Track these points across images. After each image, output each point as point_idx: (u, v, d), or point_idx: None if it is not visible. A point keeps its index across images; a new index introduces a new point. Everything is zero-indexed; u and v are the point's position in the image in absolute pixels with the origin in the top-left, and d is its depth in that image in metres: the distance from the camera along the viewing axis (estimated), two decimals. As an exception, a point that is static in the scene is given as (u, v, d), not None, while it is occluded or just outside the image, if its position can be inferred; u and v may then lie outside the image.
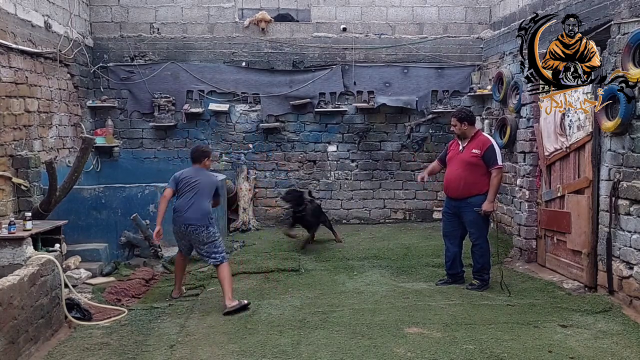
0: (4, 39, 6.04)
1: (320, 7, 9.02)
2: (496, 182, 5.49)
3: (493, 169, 5.48)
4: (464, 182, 5.52)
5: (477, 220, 5.53)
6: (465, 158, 5.56)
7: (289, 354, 4.06)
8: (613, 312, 4.79)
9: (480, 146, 5.52)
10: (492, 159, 5.48)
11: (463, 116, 5.62)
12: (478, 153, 5.49)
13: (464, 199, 5.55)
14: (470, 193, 5.51)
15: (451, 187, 5.67)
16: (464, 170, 5.54)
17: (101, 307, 5.07)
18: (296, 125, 9.11)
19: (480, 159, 5.49)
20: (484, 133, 5.72)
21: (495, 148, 5.53)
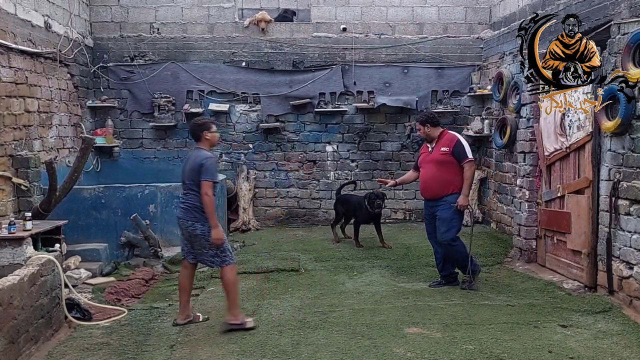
0: (4, 39, 6.04)
1: (320, 7, 9.02)
2: (469, 175, 5.50)
3: (464, 163, 5.49)
4: (437, 181, 5.55)
5: (450, 219, 5.51)
6: (435, 157, 5.60)
7: (289, 354, 4.06)
8: (613, 312, 4.79)
9: (448, 143, 5.55)
10: (462, 153, 5.50)
11: (424, 119, 5.70)
12: (447, 150, 5.53)
13: (440, 198, 5.56)
14: (446, 192, 5.52)
15: (426, 188, 5.69)
16: (436, 170, 5.56)
17: (101, 307, 5.07)
18: (296, 125, 9.11)
19: (450, 156, 5.52)
20: (450, 131, 5.77)
21: (462, 143, 5.56)
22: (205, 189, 4.45)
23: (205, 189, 4.45)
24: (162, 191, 7.18)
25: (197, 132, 4.71)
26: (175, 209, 7.23)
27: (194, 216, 4.52)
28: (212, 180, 4.49)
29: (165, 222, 7.18)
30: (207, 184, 4.46)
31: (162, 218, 7.13)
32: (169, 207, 7.22)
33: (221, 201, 8.08)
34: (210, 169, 4.49)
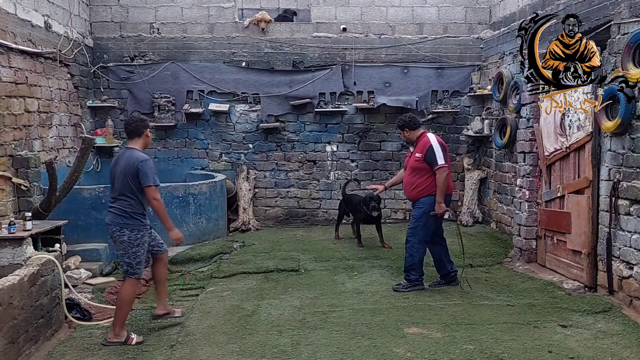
0: (4, 39, 6.04)
1: (320, 7, 9.02)
2: (440, 182, 5.46)
3: (435, 169, 5.48)
4: (413, 187, 5.64)
5: (418, 218, 5.60)
6: (411, 163, 5.69)
7: (289, 354, 4.06)
8: (613, 312, 4.79)
9: (422, 149, 5.57)
10: (433, 159, 5.48)
11: (402, 124, 5.76)
12: (420, 157, 5.56)
13: (416, 201, 5.68)
14: (421, 196, 5.61)
15: (406, 192, 5.85)
16: (412, 176, 5.66)
17: (101, 307, 5.07)
18: (296, 125, 9.10)
19: (423, 162, 5.54)
20: (428, 134, 5.69)
21: (434, 148, 5.50)
22: (152, 195, 4.28)
23: (152, 195, 4.28)
24: (162, 191, 7.13)
25: (139, 128, 4.44)
26: (175, 209, 7.28)
27: (123, 222, 4.31)
28: (155, 184, 4.29)
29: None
30: (152, 190, 4.27)
31: (162, 218, 7.12)
32: (169, 207, 7.18)
33: (221, 201, 8.08)
34: (149, 172, 4.26)
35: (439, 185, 5.46)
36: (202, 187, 7.65)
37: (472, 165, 8.88)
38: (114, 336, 4.26)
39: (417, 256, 5.60)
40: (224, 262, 6.74)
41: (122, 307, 4.30)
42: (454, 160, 9.15)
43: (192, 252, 6.97)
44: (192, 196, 7.44)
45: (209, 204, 7.71)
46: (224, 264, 6.66)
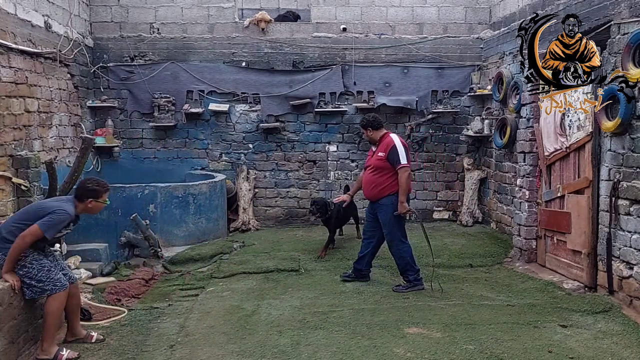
0: (4, 39, 6.04)
1: (320, 7, 9.02)
2: (403, 181, 5.49)
3: (398, 168, 5.50)
4: (374, 185, 5.63)
5: (389, 221, 5.60)
6: (373, 162, 5.67)
7: (289, 354, 4.06)
8: (613, 312, 4.79)
9: (385, 148, 5.57)
10: (396, 159, 5.50)
11: (365, 123, 5.76)
12: (383, 156, 5.56)
13: (377, 201, 5.65)
14: (382, 195, 5.59)
15: (365, 190, 5.80)
16: (373, 175, 5.64)
17: (101, 307, 5.07)
18: (296, 125, 9.10)
19: (386, 161, 5.55)
20: (391, 134, 5.73)
21: (398, 148, 5.52)
22: (30, 232, 3.92)
23: (30, 232, 3.92)
24: (162, 191, 7.18)
25: (82, 196, 4.22)
26: (175, 209, 7.28)
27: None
28: (43, 233, 3.95)
29: (165, 222, 7.19)
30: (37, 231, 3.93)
31: (162, 218, 7.14)
32: (169, 207, 7.23)
33: (221, 201, 8.08)
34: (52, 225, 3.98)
35: (402, 184, 5.49)
36: (202, 187, 7.65)
37: (472, 165, 8.88)
38: (42, 352, 4.02)
39: (407, 255, 5.65)
40: (224, 262, 6.74)
41: (49, 321, 4.03)
42: (453, 160, 9.16)
43: (192, 252, 6.98)
44: (192, 196, 7.44)
45: (209, 204, 7.71)
46: (224, 264, 6.66)
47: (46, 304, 4.06)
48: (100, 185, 4.36)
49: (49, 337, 4.04)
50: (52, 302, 4.04)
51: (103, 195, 4.34)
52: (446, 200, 9.22)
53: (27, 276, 4.00)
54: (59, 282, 4.07)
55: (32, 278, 4.00)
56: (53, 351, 4.04)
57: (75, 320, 4.37)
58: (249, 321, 4.76)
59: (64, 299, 4.12)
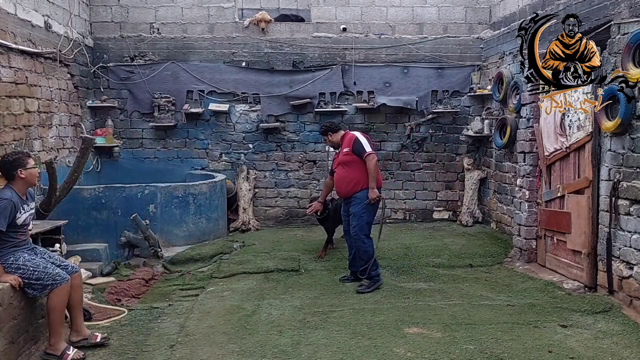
0: (4, 39, 6.04)
1: (320, 7, 9.02)
2: (372, 167, 5.61)
3: (365, 157, 5.63)
4: (347, 181, 5.75)
5: (360, 214, 5.67)
6: (341, 159, 5.83)
7: (289, 354, 4.06)
8: (613, 312, 4.79)
9: (348, 143, 5.76)
10: (361, 149, 5.66)
11: (325, 129, 6.07)
12: (348, 150, 5.73)
13: (352, 196, 5.75)
14: (356, 189, 5.71)
15: (339, 188, 5.91)
16: (344, 171, 5.78)
17: (101, 307, 5.07)
18: (296, 125, 9.10)
19: (352, 155, 5.70)
20: (350, 132, 6.00)
21: (360, 139, 5.73)
22: None
23: None
24: (162, 191, 7.18)
25: (9, 171, 4.02)
26: (175, 209, 7.28)
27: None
28: None
29: (165, 222, 7.19)
30: None
31: (162, 218, 7.14)
32: (169, 207, 7.22)
33: (221, 201, 8.08)
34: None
35: (371, 170, 5.61)
36: (202, 187, 7.65)
37: (472, 165, 8.88)
38: (49, 346, 4.04)
39: (371, 250, 5.71)
40: (224, 262, 6.74)
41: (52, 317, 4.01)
42: (453, 160, 9.16)
43: (192, 252, 6.97)
44: (192, 196, 7.44)
45: (209, 204, 7.71)
46: (224, 264, 6.66)
47: (48, 300, 4.04)
48: (17, 154, 4.17)
49: (55, 333, 4.02)
50: (54, 297, 4.01)
51: (27, 160, 4.08)
52: (446, 200, 9.22)
53: (24, 277, 3.98)
54: (59, 276, 4.04)
55: (30, 277, 3.98)
56: (61, 347, 4.02)
57: (79, 317, 4.32)
58: (249, 321, 4.77)
59: (66, 294, 4.10)
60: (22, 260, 4.02)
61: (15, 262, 3.99)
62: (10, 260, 3.99)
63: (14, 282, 3.91)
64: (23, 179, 4.07)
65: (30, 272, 3.99)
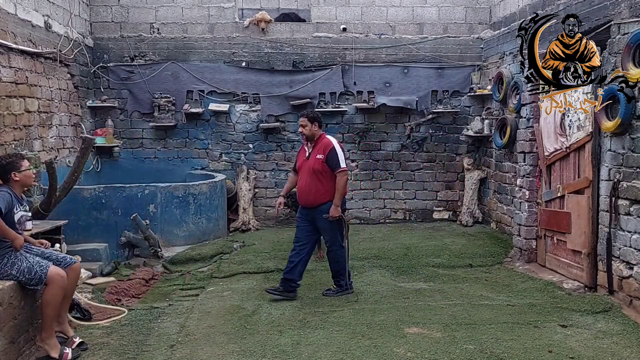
0: (4, 39, 6.04)
1: (320, 7, 9.02)
2: (341, 185, 5.25)
3: (337, 172, 5.26)
4: (314, 191, 5.31)
5: (328, 227, 5.37)
6: (311, 165, 5.34)
7: (289, 354, 4.06)
8: (613, 312, 4.79)
9: (323, 150, 5.30)
10: (335, 162, 5.26)
11: (315, 116, 5.40)
12: (322, 158, 5.28)
13: (316, 207, 5.34)
14: (321, 201, 5.31)
15: (302, 196, 5.43)
16: (312, 180, 5.31)
17: (101, 307, 5.07)
18: (296, 125, 9.05)
19: (324, 164, 5.28)
20: (327, 136, 5.48)
21: (337, 150, 5.29)
22: None
23: None
24: (162, 191, 7.18)
25: (3, 174, 4.07)
26: (175, 209, 7.28)
27: None
28: None
29: (165, 222, 7.19)
30: None
31: (162, 218, 7.14)
32: (169, 207, 7.23)
33: (221, 201, 8.09)
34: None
35: (340, 188, 5.26)
36: (202, 187, 7.65)
37: (472, 165, 8.88)
38: (40, 340, 4.03)
39: (343, 260, 5.50)
40: (224, 262, 6.74)
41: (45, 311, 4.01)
42: (453, 160, 9.17)
43: (192, 252, 6.98)
44: (192, 196, 7.44)
45: (209, 204, 7.71)
46: (224, 264, 6.66)
47: (43, 294, 4.04)
48: (11, 157, 4.22)
49: (47, 328, 4.02)
50: (48, 291, 4.01)
51: (21, 163, 4.13)
52: (446, 200, 9.22)
53: (20, 272, 3.98)
54: (43, 261, 4.06)
55: (24, 272, 3.98)
56: (51, 342, 4.00)
57: (64, 310, 4.29)
58: (249, 321, 4.77)
59: (60, 289, 4.08)
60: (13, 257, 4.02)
61: (10, 260, 4.01)
62: (5, 260, 4.00)
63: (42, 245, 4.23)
64: (17, 182, 4.13)
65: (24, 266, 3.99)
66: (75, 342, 4.20)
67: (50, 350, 3.98)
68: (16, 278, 3.97)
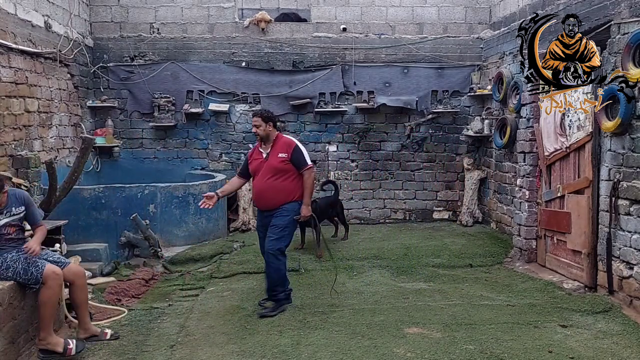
0: (4, 39, 6.04)
1: (320, 7, 9.02)
2: (310, 183, 5.04)
3: (304, 170, 5.03)
4: (277, 191, 4.98)
5: (284, 227, 4.96)
6: (273, 165, 5.00)
7: (289, 354, 4.06)
8: (613, 312, 4.79)
9: (286, 148, 5.02)
10: (301, 160, 5.02)
11: (269, 116, 5.10)
12: (285, 157, 4.99)
13: (278, 208, 5.00)
14: (286, 200, 5.00)
15: (263, 199, 5.07)
16: (275, 179, 4.98)
17: (101, 307, 5.07)
18: (296, 125, 9.10)
19: (289, 163, 5.00)
20: (284, 135, 5.29)
21: (301, 148, 5.08)
22: None
23: None
24: (162, 191, 7.18)
25: None
26: (175, 209, 7.28)
27: None
28: None
29: (165, 222, 7.19)
30: None
31: (162, 218, 7.14)
32: (169, 207, 7.23)
33: (221, 201, 8.07)
34: None
35: (308, 186, 5.04)
36: (202, 187, 7.64)
37: (472, 165, 8.88)
38: (39, 341, 4.04)
39: (284, 269, 5.05)
40: (224, 262, 6.74)
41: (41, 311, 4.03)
42: (453, 160, 9.17)
43: (192, 252, 6.97)
44: (192, 196, 7.44)
45: (209, 204, 7.70)
46: (224, 264, 6.66)
47: (39, 294, 4.04)
48: None
49: (45, 327, 4.02)
50: (44, 292, 4.01)
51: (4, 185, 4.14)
52: (446, 200, 9.22)
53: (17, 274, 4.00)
54: (39, 261, 4.08)
55: (20, 273, 4.00)
56: (51, 340, 4.01)
57: (85, 315, 4.40)
58: (249, 321, 4.77)
59: (57, 289, 4.09)
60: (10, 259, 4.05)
61: (5, 263, 4.03)
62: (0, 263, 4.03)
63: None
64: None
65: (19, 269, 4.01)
66: (107, 334, 4.39)
67: (55, 347, 3.99)
68: (14, 279, 3.98)
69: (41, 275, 3.99)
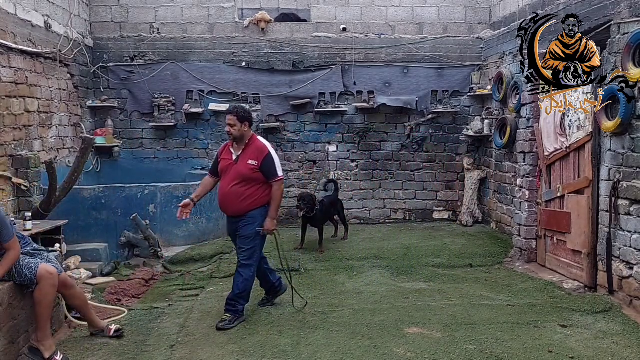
0: (4, 39, 6.04)
1: (320, 7, 9.02)
2: (278, 195, 4.78)
3: (274, 181, 4.75)
4: (242, 198, 4.72)
5: (254, 237, 4.77)
6: (241, 171, 4.73)
7: (289, 354, 4.06)
8: (613, 312, 4.79)
9: (257, 155, 4.74)
10: (272, 170, 4.74)
11: (245, 115, 4.81)
12: (255, 165, 4.71)
13: (243, 215, 4.76)
14: (251, 207, 4.75)
15: (228, 204, 4.80)
16: (241, 186, 4.72)
17: (101, 307, 5.07)
18: (296, 125, 9.10)
19: (258, 171, 4.72)
20: (260, 138, 4.96)
21: (273, 157, 4.78)
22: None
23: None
24: (162, 191, 7.18)
25: None
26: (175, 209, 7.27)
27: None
28: None
29: (165, 222, 7.18)
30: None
31: (162, 218, 7.14)
32: (169, 207, 7.22)
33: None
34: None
35: (277, 199, 4.77)
36: (202, 187, 7.64)
37: (472, 165, 8.88)
38: (37, 342, 4.00)
39: (251, 282, 4.87)
40: (224, 262, 6.74)
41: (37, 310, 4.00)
42: (453, 160, 9.17)
43: (192, 252, 6.97)
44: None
45: (209, 204, 7.69)
46: (224, 264, 6.66)
47: (34, 293, 4.01)
48: None
49: (42, 328, 4.00)
50: (38, 291, 3.98)
51: None
52: (446, 200, 9.22)
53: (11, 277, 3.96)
54: (33, 262, 4.04)
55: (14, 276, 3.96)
56: (45, 343, 3.97)
57: (89, 314, 4.49)
58: (249, 321, 4.77)
59: (52, 289, 4.06)
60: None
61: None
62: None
63: None
64: None
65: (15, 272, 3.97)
66: (111, 330, 4.44)
67: (44, 351, 3.97)
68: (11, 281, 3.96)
69: (35, 276, 3.98)
